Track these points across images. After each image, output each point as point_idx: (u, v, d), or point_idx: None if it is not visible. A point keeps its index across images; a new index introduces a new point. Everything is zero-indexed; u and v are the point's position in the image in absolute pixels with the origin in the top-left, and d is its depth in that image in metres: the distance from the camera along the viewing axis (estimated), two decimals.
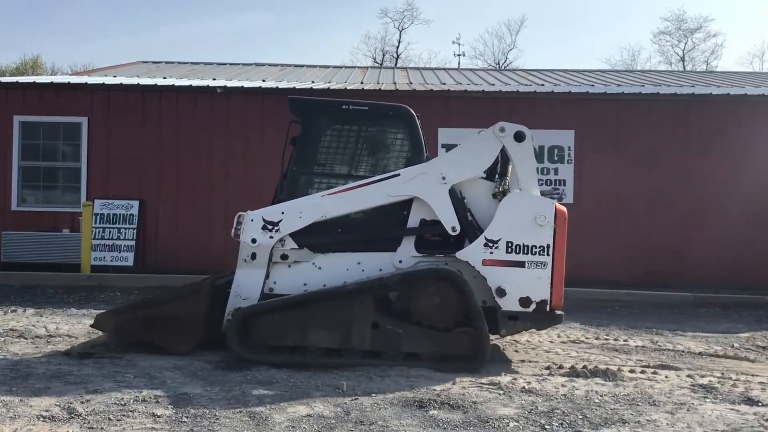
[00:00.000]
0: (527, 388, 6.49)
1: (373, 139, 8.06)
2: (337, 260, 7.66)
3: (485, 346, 7.12)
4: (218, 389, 6.21)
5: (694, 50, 49.63)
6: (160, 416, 5.45)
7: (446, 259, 7.54)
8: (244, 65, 19.95)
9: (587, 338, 9.10)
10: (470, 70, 23.34)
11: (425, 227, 7.69)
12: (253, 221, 7.63)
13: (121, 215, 13.56)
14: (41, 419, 5.32)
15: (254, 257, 7.60)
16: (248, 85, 14.48)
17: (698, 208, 13.57)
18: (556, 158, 13.51)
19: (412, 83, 16.12)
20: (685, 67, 47.34)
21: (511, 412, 5.76)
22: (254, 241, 7.60)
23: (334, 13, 77.67)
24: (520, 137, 7.53)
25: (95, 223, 13.39)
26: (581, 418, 5.65)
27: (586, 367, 7.32)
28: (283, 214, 7.64)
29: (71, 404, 5.66)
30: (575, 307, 10.58)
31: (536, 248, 7.33)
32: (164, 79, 15.13)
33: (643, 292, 12.22)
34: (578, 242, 10.24)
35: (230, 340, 7.20)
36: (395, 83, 15.97)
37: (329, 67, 20.66)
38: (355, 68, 22.03)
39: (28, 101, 13.91)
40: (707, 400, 6.31)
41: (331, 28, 77.06)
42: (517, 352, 8.18)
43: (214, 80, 15.06)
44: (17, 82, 14.35)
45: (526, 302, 7.32)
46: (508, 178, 7.58)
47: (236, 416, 5.50)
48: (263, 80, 15.51)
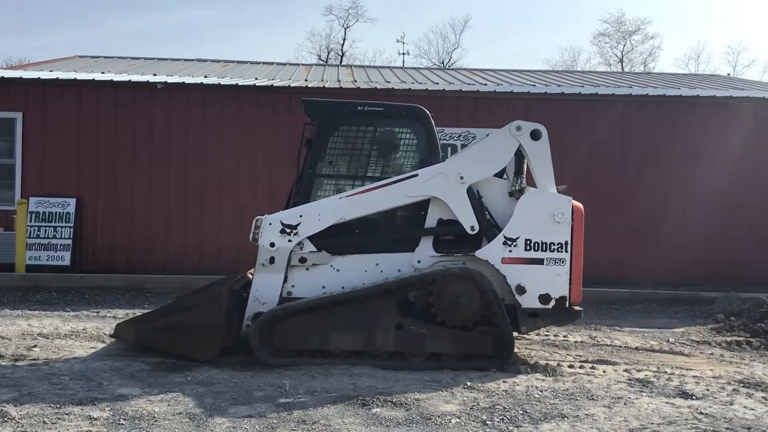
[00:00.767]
0: (469, 384, 6.55)
1: (387, 139, 7.99)
2: (355, 262, 7.59)
3: (509, 344, 7.19)
4: (157, 390, 6.10)
5: (632, 52, 50.82)
6: (96, 419, 5.33)
7: (465, 258, 7.53)
8: (186, 61, 19.63)
9: (528, 335, 9.22)
10: (415, 68, 23.43)
11: (443, 227, 7.66)
12: (271, 225, 7.54)
13: (57, 213, 13.21)
14: None
15: (273, 261, 7.49)
16: (189, 80, 14.25)
17: (645, 207, 13.87)
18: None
19: (356, 81, 16.11)
20: (623, 68, 48.40)
21: (453, 408, 5.80)
22: (272, 245, 7.49)
23: (278, 10, 77.10)
24: (536, 135, 7.56)
25: (30, 221, 13.02)
26: (522, 413, 5.73)
27: (526, 362, 7.43)
28: (301, 217, 7.55)
29: (4, 408, 5.49)
30: None
31: (554, 245, 7.44)
32: (102, 74, 14.79)
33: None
34: None
35: (253, 345, 7.13)
36: (339, 81, 15.93)
37: (273, 64, 20.48)
38: (299, 66, 21.89)
39: None
40: (643, 394, 6.46)
41: (275, 25, 76.50)
42: None
43: (154, 75, 14.78)
44: None
45: (545, 299, 7.41)
46: (524, 176, 7.64)
47: (175, 418, 5.40)
48: (205, 76, 15.29)
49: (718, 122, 14.22)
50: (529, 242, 7.43)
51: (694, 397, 6.36)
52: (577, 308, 7.53)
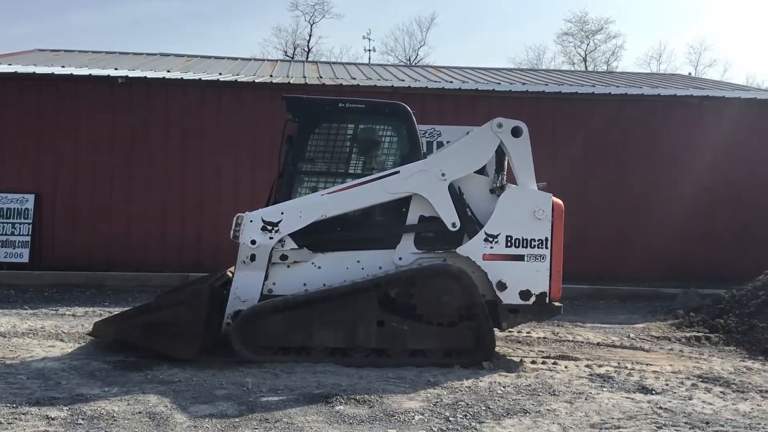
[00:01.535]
0: (432, 381, 6.56)
1: (369, 136, 7.98)
2: (336, 259, 7.57)
3: (490, 339, 7.28)
4: (117, 390, 6.01)
5: (595, 51, 51.24)
6: (54, 419, 5.23)
7: (446, 255, 7.53)
8: (148, 55, 19.35)
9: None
10: (381, 65, 23.40)
11: (424, 224, 7.64)
12: (252, 222, 7.46)
13: (15, 209, 12.95)
14: None
15: (253, 258, 7.43)
16: (152, 75, 14.07)
17: (605, 206, 14.02)
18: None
19: (322, 77, 16.04)
20: (587, 67, 48.88)
21: (416, 405, 5.80)
22: (253, 242, 7.42)
23: (244, 4, 76.43)
24: (517, 132, 7.61)
25: None
26: (484, 409, 5.75)
27: (489, 359, 7.46)
28: (282, 214, 7.48)
29: None
30: None
31: (535, 242, 7.50)
32: (62, 68, 14.51)
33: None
34: None
35: (235, 342, 7.11)
36: (305, 77, 15.84)
37: (237, 59, 20.29)
38: (264, 61, 21.73)
39: None
40: (604, 389, 6.53)
41: (241, 19, 75.84)
42: None
43: (116, 70, 14.56)
44: None
45: (526, 295, 7.47)
46: (504, 173, 7.67)
47: (135, 417, 5.33)
48: (168, 71, 15.09)
49: (679, 121, 14.42)
50: (510, 239, 7.49)
51: (653, 392, 6.44)
52: (556, 304, 7.61)
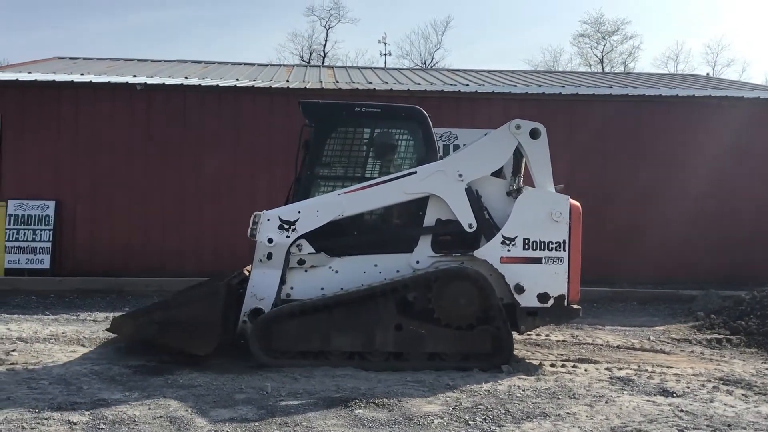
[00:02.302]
0: (451, 384, 6.55)
1: (385, 140, 8.01)
2: (353, 263, 7.59)
3: (508, 342, 7.24)
4: (137, 394, 6.05)
5: (612, 52, 51.02)
6: (76, 423, 5.27)
7: (464, 258, 7.53)
8: (166, 62, 19.51)
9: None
10: (396, 69, 23.42)
11: (441, 226, 7.64)
12: (269, 221, 7.51)
13: (36, 216, 13.08)
14: None
15: (270, 257, 7.47)
16: (170, 82, 14.17)
17: (626, 207, 13.94)
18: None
19: (338, 82, 16.09)
20: (604, 68, 48.66)
21: (435, 409, 5.80)
22: (270, 240, 7.47)
23: (260, 10, 76.82)
24: (535, 134, 7.59)
25: (9, 224, 12.90)
26: (504, 412, 5.74)
27: (508, 362, 7.43)
28: (299, 213, 7.53)
29: None
30: None
31: (552, 244, 7.47)
32: (81, 75, 14.66)
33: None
34: None
35: (252, 346, 7.16)
36: (321, 82, 15.90)
37: (254, 64, 20.41)
38: (281, 66, 21.82)
39: None
40: (624, 392, 6.49)
41: (257, 25, 76.22)
42: None
43: (134, 77, 14.68)
44: None
45: (544, 298, 7.44)
46: (521, 175, 7.67)
47: (156, 421, 5.36)
48: (186, 77, 15.20)
49: (697, 122, 14.32)
50: (527, 241, 7.47)
51: (674, 394, 6.40)
52: (575, 307, 7.58)
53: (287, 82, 15.50)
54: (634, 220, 13.96)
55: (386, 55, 48.11)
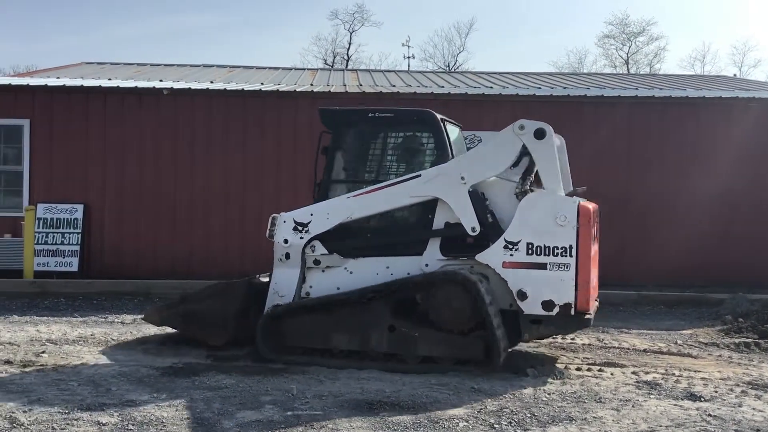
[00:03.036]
0: (476, 387, 6.55)
1: (399, 144, 8.11)
2: (366, 265, 7.71)
3: (497, 350, 7.00)
4: (165, 396, 6.12)
5: (637, 54, 50.70)
6: (105, 424, 5.35)
7: (471, 262, 7.46)
8: (191, 66, 19.68)
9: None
10: (420, 72, 23.43)
11: (448, 229, 7.61)
12: (285, 222, 7.88)
13: (65, 219, 13.25)
14: None
15: (288, 257, 7.83)
16: (195, 86, 14.28)
17: (650, 208, 13.83)
18: None
19: (362, 85, 16.12)
20: (629, 70, 48.31)
21: (460, 412, 5.80)
22: (286, 241, 7.83)
23: (284, 14, 77.25)
24: (540, 134, 7.34)
25: (38, 227, 13.07)
26: (529, 416, 5.73)
27: (534, 365, 7.42)
28: (312, 215, 7.81)
29: (13, 414, 5.52)
30: None
31: (558, 249, 7.17)
32: (109, 80, 14.83)
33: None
34: None
35: (258, 339, 7.54)
36: (345, 85, 15.94)
37: (279, 68, 20.52)
38: (305, 70, 21.93)
39: None
40: (651, 396, 6.45)
41: (281, 29, 76.66)
42: None
43: (160, 82, 14.83)
44: None
45: (549, 305, 7.16)
46: (531, 177, 7.53)
47: (184, 423, 5.42)
48: (211, 82, 15.32)
49: (724, 123, 14.16)
50: (531, 246, 7.23)
51: (702, 399, 6.34)
52: (586, 316, 7.24)
53: (311, 85, 15.57)
54: (659, 221, 13.83)
55: (410, 58, 48.21)
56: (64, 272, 12.98)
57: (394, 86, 16.03)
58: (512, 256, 7.29)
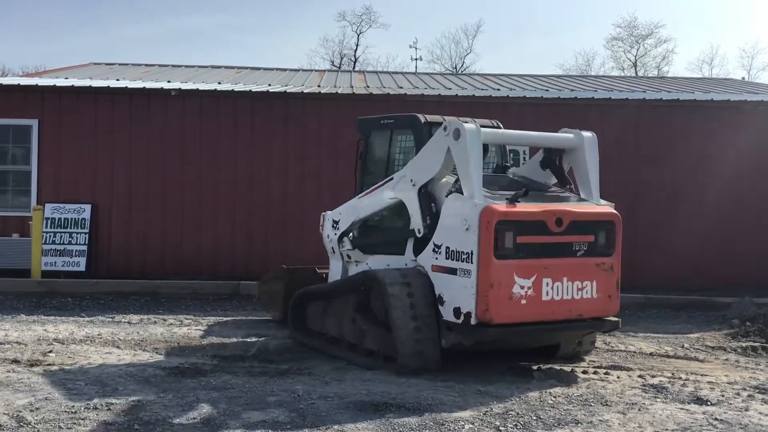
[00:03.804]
0: (482, 390, 6.54)
1: (400, 147, 8.45)
2: (378, 261, 8.10)
3: (400, 350, 7.02)
4: (172, 396, 6.14)
5: (645, 56, 50.58)
6: (111, 424, 5.37)
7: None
8: (199, 67, 19.73)
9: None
10: (427, 74, 23.43)
11: (410, 230, 7.65)
12: (326, 220, 8.93)
13: (72, 219, 13.30)
14: None
15: (333, 251, 8.80)
16: (203, 87, 14.31)
17: (657, 211, 13.79)
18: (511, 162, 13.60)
19: (369, 87, 16.13)
20: (637, 72, 48.20)
21: (466, 414, 5.80)
22: (329, 236, 8.83)
23: (291, 15, 77.38)
24: (456, 135, 7.11)
25: (46, 227, 13.11)
26: (535, 419, 5.72)
27: (540, 368, 7.41)
28: (340, 214, 8.67)
29: (20, 413, 5.54)
30: None
31: (464, 255, 6.82)
32: (117, 81, 14.88)
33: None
34: None
35: (288, 319, 8.88)
36: (352, 87, 15.95)
37: (286, 70, 20.55)
38: (312, 71, 21.95)
39: None
40: (658, 399, 6.43)
41: (288, 30, 76.78)
42: (466, 354, 8.20)
43: (168, 82, 14.87)
44: None
45: (457, 313, 6.86)
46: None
47: (190, 423, 5.44)
48: (219, 82, 15.36)
49: (732, 127, 14.12)
50: (448, 250, 7.01)
51: (709, 403, 6.32)
52: (489, 327, 6.72)
53: (319, 87, 15.59)
54: (667, 224, 13.80)
55: (417, 59, 48.26)
56: (71, 272, 13.02)
57: (401, 88, 16.04)
58: (437, 259, 7.20)
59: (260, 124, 13.78)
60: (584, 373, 7.39)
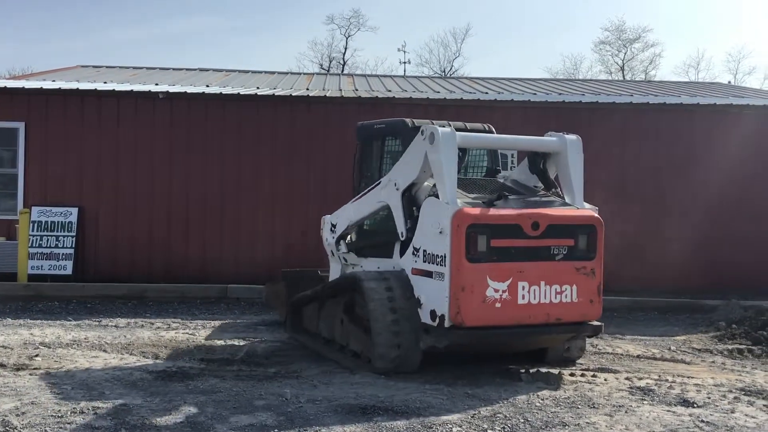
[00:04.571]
0: (470, 393, 6.55)
1: (389, 151, 8.52)
2: (370, 264, 8.20)
3: (378, 340, 7.07)
4: (159, 400, 6.11)
5: (633, 60, 50.86)
6: (98, 428, 5.34)
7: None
8: (187, 70, 19.68)
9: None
10: (416, 77, 23.48)
11: (394, 234, 7.69)
12: (325, 224, 9.00)
13: (59, 222, 13.23)
14: None
15: (332, 253, 8.87)
16: (191, 90, 14.29)
17: (645, 215, 13.86)
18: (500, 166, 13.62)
19: (357, 90, 16.15)
20: (624, 76, 48.45)
21: (454, 417, 5.81)
22: (327, 239, 8.94)
23: (280, 19, 77.31)
24: (431, 139, 7.11)
25: (32, 230, 13.03)
26: (523, 421, 5.73)
27: (527, 371, 7.42)
28: (338, 217, 8.74)
29: (6, 417, 5.50)
30: None
31: (438, 258, 6.89)
32: (104, 83, 14.82)
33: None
34: None
35: (286, 319, 9.32)
36: (341, 90, 15.97)
37: (275, 73, 20.53)
38: (301, 75, 21.95)
39: None
40: (645, 402, 6.46)
41: (277, 33, 76.70)
42: (455, 357, 8.21)
43: (156, 85, 14.82)
44: None
45: (433, 315, 6.93)
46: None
47: (177, 427, 5.42)
48: (207, 85, 15.33)
49: (718, 130, 14.22)
50: (425, 253, 7.09)
51: (695, 405, 6.36)
52: (460, 331, 6.76)
53: (307, 90, 15.58)
54: (654, 227, 13.87)
55: (405, 63, 48.26)
56: (58, 275, 12.96)
57: (390, 91, 16.06)
58: (416, 262, 7.24)
59: (248, 127, 13.76)
60: (572, 375, 7.41)
